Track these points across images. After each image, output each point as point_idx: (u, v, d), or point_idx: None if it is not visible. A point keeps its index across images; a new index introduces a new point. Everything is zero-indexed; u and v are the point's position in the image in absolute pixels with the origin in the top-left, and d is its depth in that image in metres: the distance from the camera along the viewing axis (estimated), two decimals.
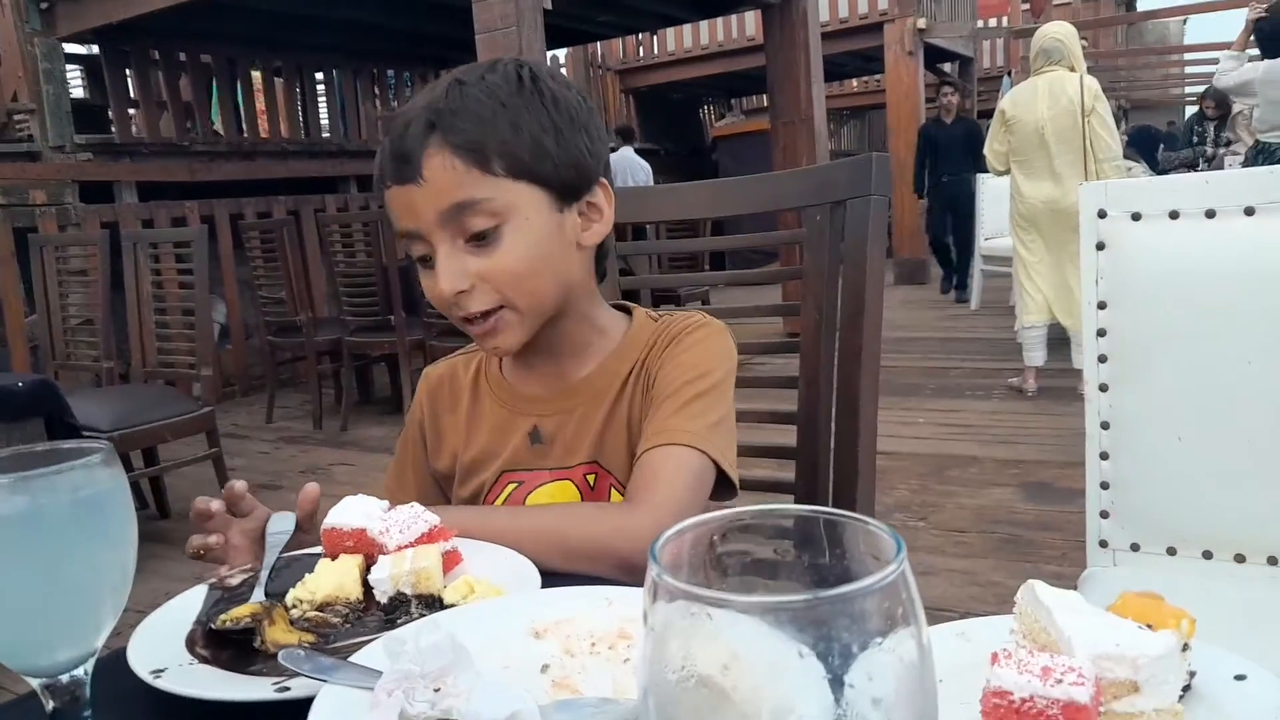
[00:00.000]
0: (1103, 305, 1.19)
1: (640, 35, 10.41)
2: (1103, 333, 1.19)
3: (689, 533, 0.32)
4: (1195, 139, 7.64)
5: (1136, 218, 1.17)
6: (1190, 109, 10.68)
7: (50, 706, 0.52)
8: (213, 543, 0.86)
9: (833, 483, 1.21)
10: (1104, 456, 1.21)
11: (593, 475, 0.98)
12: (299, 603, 0.72)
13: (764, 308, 1.51)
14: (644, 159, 8.16)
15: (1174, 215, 1.15)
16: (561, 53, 9.99)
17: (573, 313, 0.98)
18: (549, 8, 4.31)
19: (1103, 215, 1.19)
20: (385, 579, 0.72)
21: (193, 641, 0.68)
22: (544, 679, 0.59)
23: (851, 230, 1.18)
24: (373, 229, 5.02)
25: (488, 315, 0.91)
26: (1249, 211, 1.11)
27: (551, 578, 0.74)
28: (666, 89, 11.30)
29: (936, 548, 2.89)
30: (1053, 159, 4.18)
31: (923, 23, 8.84)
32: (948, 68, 10.53)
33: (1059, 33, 4.28)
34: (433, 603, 0.72)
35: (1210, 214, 1.13)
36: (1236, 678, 0.55)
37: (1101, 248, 1.19)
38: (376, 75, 8.01)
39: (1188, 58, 12.76)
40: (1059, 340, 4.48)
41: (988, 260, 6.91)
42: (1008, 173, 4.42)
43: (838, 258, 1.21)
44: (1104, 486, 1.21)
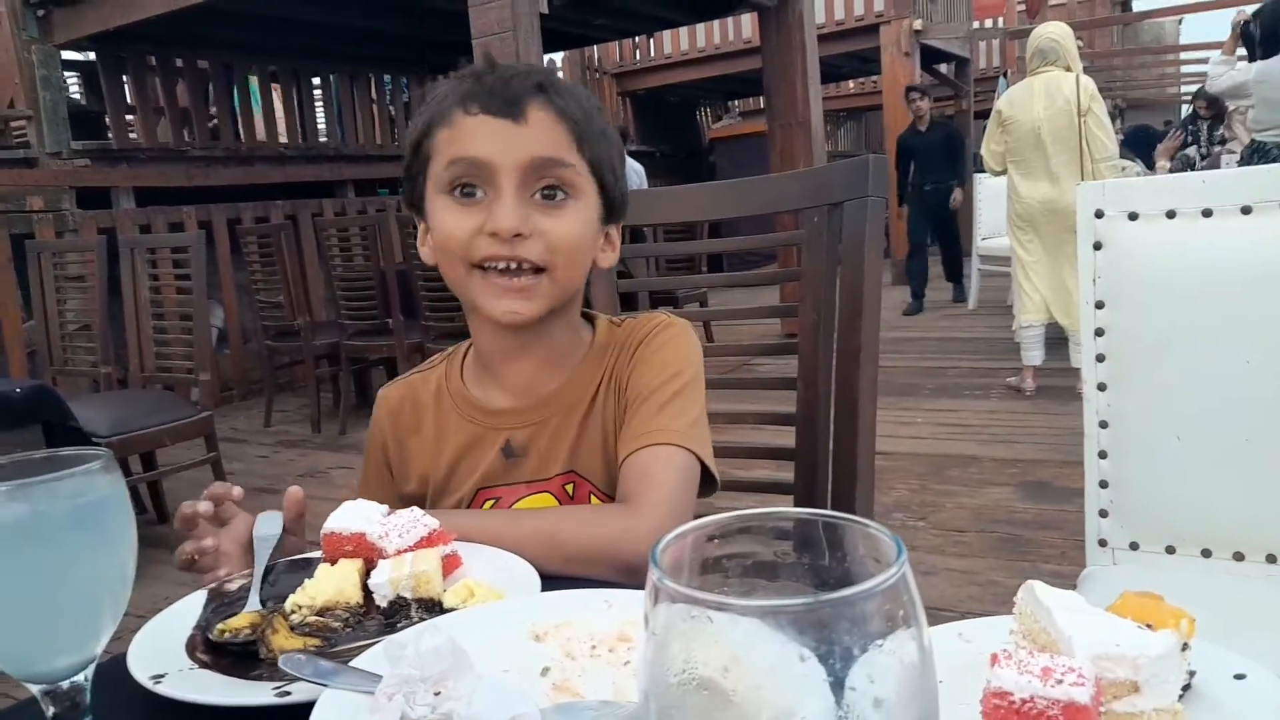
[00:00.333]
0: (1100, 305, 1.19)
1: (637, 38, 10.42)
2: (1100, 332, 1.19)
3: (689, 536, 0.32)
4: (1189, 138, 7.64)
5: (1134, 217, 1.17)
6: (1186, 108, 10.69)
7: (51, 713, 0.52)
8: (207, 545, 0.86)
9: (832, 483, 1.21)
10: (1103, 455, 1.21)
11: (571, 485, 0.98)
12: (299, 608, 0.72)
13: (762, 309, 1.53)
14: (640, 161, 8.15)
15: (1171, 215, 1.15)
16: (558, 56, 10.01)
17: (567, 316, 0.99)
18: (545, 12, 4.31)
19: (1100, 215, 1.19)
20: (385, 583, 0.72)
21: (193, 646, 0.68)
22: (544, 682, 0.59)
23: (849, 231, 1.19)
24: (370, 233, 5.02)
25: (530, 273, 0.91)
26: (1246, 210, 1.11)
27: (551, 581, 0.74)
28: (663, 92, 11.31)
29: (936, 547, 2.89)
30: (1049, 159, 4.20)
31: (919, 24, 8.86)
32: (944, 68, 10.55)
33: (1055, 33, 4.30)
34: (433, 606, 0.72)
35: (1207, 213, 1.13)
36: (1236, 677, 0.54)
37: (1099, 247, 1.19)
38: (373, 80, 8.02)
39: (1183, 57, 12.81)
40: (1057, 339, 4.49)
41: (985, 260, 6.93)
42: (1004, 173, 4.43)
43: (835, 259, 1.21)
44: (1103, 485, 1.22)
